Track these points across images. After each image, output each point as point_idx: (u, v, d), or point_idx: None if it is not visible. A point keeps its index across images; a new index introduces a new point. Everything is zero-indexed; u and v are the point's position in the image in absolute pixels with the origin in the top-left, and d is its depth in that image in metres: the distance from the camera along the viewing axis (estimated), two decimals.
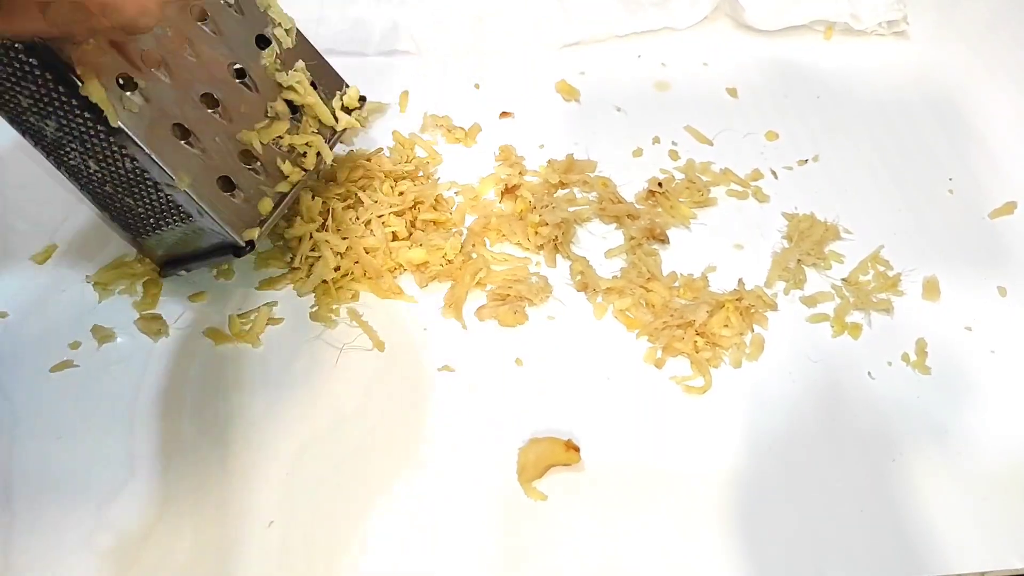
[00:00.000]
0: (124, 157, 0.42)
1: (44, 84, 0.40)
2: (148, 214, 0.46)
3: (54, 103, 0.41)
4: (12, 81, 0.41)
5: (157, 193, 0.44)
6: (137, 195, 0.45)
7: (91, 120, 0.41)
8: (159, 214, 0.46)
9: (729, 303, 0.51)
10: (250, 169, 0.46)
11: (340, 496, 0.45)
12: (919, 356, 0.51)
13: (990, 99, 0.66)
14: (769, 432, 0.48)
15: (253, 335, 0.50)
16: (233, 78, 0.46)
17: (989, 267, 0.56)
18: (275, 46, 0.48)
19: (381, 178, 0.56)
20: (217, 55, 0.45)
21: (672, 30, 0.71)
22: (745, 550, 0.44)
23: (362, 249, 0.53)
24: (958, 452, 0.47)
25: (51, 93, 0.41)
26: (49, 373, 0.48)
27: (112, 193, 0.46)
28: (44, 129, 0.43)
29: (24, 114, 0.43)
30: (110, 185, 0.45)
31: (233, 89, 0.46)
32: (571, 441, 0.46)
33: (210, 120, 0.44)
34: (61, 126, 0.42)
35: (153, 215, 0.46)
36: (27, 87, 0.41)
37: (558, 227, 0.55)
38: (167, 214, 0.45)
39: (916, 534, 0.44)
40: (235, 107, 0.46)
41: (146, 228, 0.48)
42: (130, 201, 0.46)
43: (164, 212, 0.45)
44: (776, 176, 0.61)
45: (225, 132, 0.45)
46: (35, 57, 0.39)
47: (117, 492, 0.44)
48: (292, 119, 0.48)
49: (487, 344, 0.51)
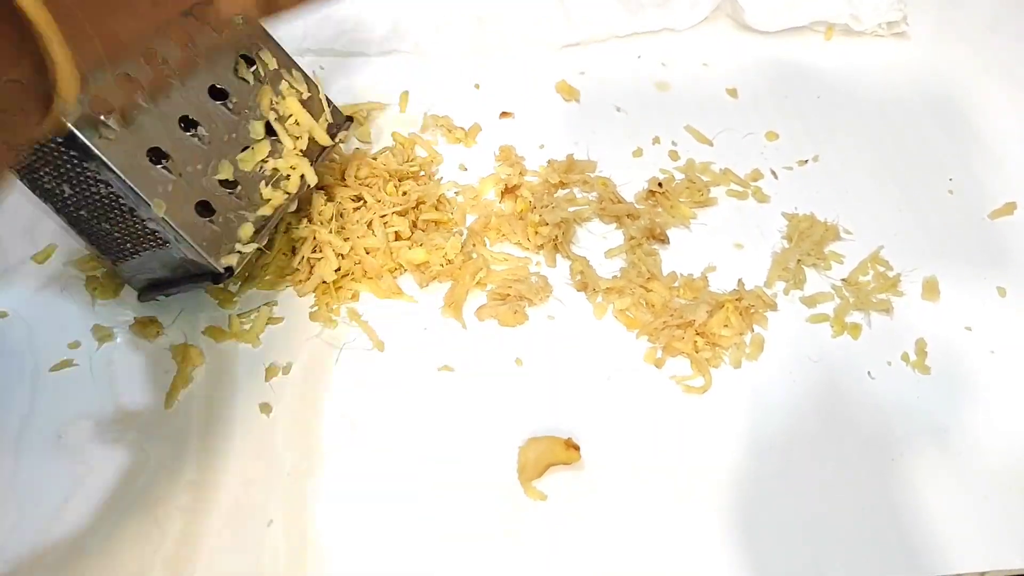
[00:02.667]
0: (98, 183, 0.41)
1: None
2: (124, 239, 0.45)
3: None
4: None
5: (133, 218, 0.43)
6: (112, 220, 0.44)
7: (63, 145, 0.40)
8: (135, 239, 0.45)
9: (729, 303, 0.51)
10: (230, 194, 0.45)
11: (339, 495, 0.45)
12: (919, 356, 0.51)
13: (990, 100, 0.66)
14: (769, 432, 0.48)
15: (253, 335, 0.50)
16: (211, 100, 0.45)
17: (989, 267, 0.56)
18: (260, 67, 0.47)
19: (386, 178, 0.56)
20: (196, 76, 0.44)
21: (672, 31, 0.71)
22: (745, 549, 0.44)
23: (363, 249, 0.53)
24: (958, 451, 0.47)
25: None
26: (48, 373, 0.48)
27: (88, 218, 0.45)
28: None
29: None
30: (85, 210, 0.44)
31: (212, 111, 0.45)
32: (571, 440, 0.46)
33: (188, 144, 0.43)
34: (34, 150, 0.41)
35: (130, 240, 0.45)
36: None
37: (558, 227, 0.55)
38: (143, 239, 0.44)
39: (916, 534, 0.44)
40: (214, 130, 0.44)
41: (123, 253, 0.46)
42: (106, 226, 0.44)
43: (140, 238, 0.44)
44: (776, 176, 0.61)
45: (204, 156, 0.44)
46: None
47: (116, 491, 0.44)
48: (273, 139, 0.47)
49: (487, 344, 0.51)
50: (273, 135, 0.48)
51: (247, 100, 0.46)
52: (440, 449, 0.47)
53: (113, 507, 0.44)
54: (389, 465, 0.46)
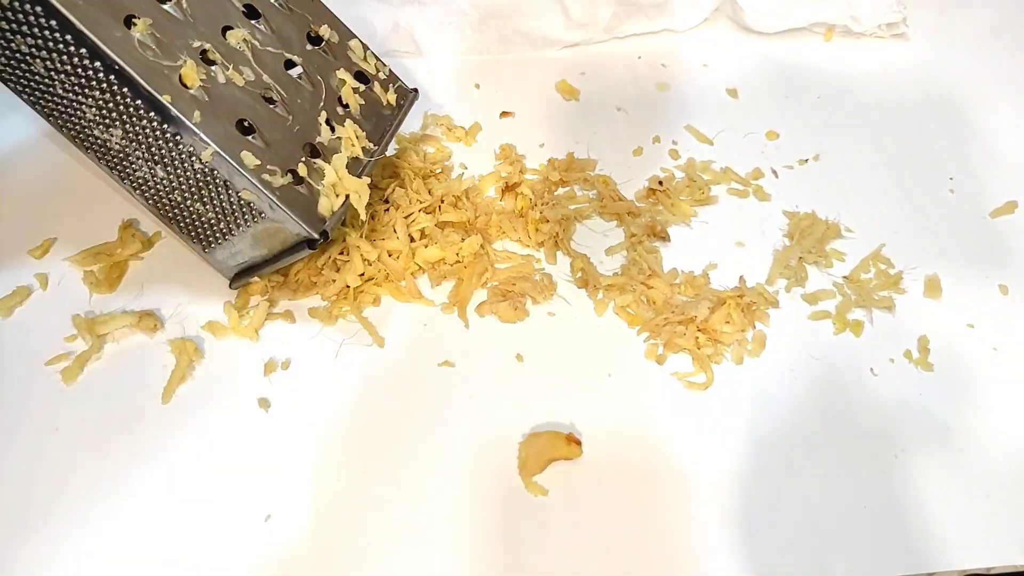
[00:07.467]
0: (192, 157, 0.42)
1: (109, 89, 0.40)
2: (218, 218, 0.46)
3: (119, 109, 0.41)
4: (77, 92, 0.41)
5: (227, 192, 0.44)
6: (206, 199, 0.45)
7: (158, 122, 0.41)
8: (229, 216, 0.45)
9: (731, 299, 0.51)
10: (314, 162, 0.46)
11: (339, 490, 0.44)
12: (921, 353, 0.51)
13: (990, 99, 0.66)
14: (771, 428, 0.48)
15: (252, 330, 0.50)
16: (287, 74, 0.46)
17: (990, 266, 0.56)
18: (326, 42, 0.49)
19: (411, 176, 0.56)
20: (273, 52, 0.46)
21: (673, 32, 0.71)
22: (747, 545, 0.43)
23: (385, 252, 0.52)
24: (960, 449, 0.47)
25: (116, 98, 0.40)
26: (45, 366, 0.48)
27: (180, 201, 0.46)
28: (110, 140, 0.43)
29: (88, 128, 0.43)
30: (178, 192, 0.45)
31: (290, 85, 0.46)
32: (572, 435, 0.45)
33: (271, 115, 0.44)
34: (126, 133, 0.42)
35: (224, 218, 0.46)
36: (92, 96, 0.41)
37: (559, 224, 0.55)
38: (238, 215, 0.45)
39: (919, 530, 0.44)
40: (292, 102, 0.46)
41: (215, 236, 0.47)
42: (199, 207, 0.45)
43: (235, 213, 0.45)
44: (777, 175, 0.61)
45: (287, 127, 0.45)
46: (100, 61, 0.39)
47: (113, 485, 0.44)
48: (346, 110, 0.48)
49: (487, 340, 0.51)
50: (346, 107, 0.49)
51: (318, 73, 0.48)
52: (441, 444, 0.46)
53: (109, 501, 0.43)
54: (389, 460, 0.46)
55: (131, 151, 0.43)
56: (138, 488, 0.44)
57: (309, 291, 0.52)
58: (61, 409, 0.46)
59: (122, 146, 0.43)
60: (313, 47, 0.48)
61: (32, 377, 0.48)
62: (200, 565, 0.42)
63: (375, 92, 0.50)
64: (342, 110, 0.48)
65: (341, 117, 0.48)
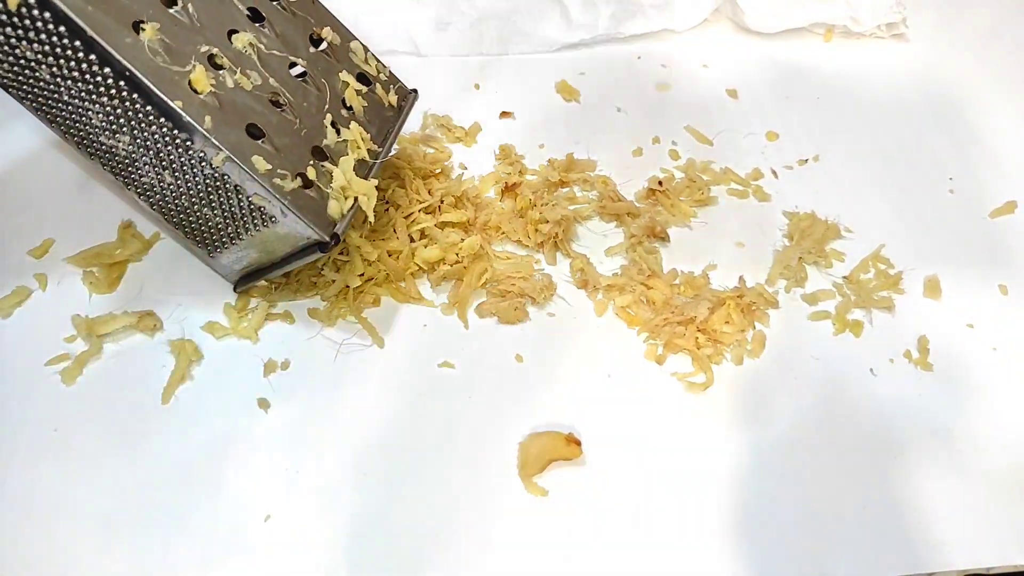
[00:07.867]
0: (203, 163, 0.42)
1: (118, 96, 0.40)
2: (226, 223, 0.45)
3: (128, 115, 0.41)
4: (83, 99, 0.41)
5: (237, 197, 0.43)
6: (215, 204, 0.44)
7: (169, 128, 0.40)
8: (238, 221, 0.45)
9: (730, 300, 0.51)
10: (322, 165, 0.45)
11: (338, 491, 0.44)
12: (921, 353, 0.51)
13: (990, 99, 0.66)
14: (770, 428, 0.48)
15: (251, 330, 0.50)
16: (293, 77, 0.46)
17: (990, 266, 0.56)
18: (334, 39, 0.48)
19: (411, 176, 0.56)
20: (278, 56, 0.45)
21: (672, 32, 0.71)
22: (746, 545, 0.43)
23: (385, 252, 0.52)
24: (960, 449, 0.47)
25: (125, 104, 0.40)
26: (44, 367, 0.48)
27: (187, 206, 0.45)
28: (116, 147, 0.43)
29: (94, 134, 0.43)
30: (185, 197, 0.45)
31: (296, 88, 0.46)
32: (572, 435, 0.45)
33: (280, 119, 0.44)
34: (134, 138, 0.42)
35: (232, 223, 0.45)
36: (99, 103, 0.41)
37: (558, 224, 0.55)
38: (247, 220, 0.44)
39: (918, 530, 0.44)
40: (299, 106, 0.45)
41: (223, 240, 0.47)
42: (207, 211, 0.45)
43: (243, 218, 0.44)
44: (776, 176, 0.61)
45: (294, 131, 0.44)
46: (110, 67, 0.38)
47: (113, 486, 0.44)
48: (350, 112, 0.48)
49: (487, 340, 0.51)
50: (350, 109, 0.48)
51: (322, 76, 0.47)
52: (441, 445, 0.46)
53: (108, 502, 0.43)
54: (389, 461, 0.46)
55: (138, 157, 0.43)
56: (138, 488, 0.44)
57: (309, 291, 0.52)
58: (61, 409, 0.46)
59: (129, 152, 0.43)
60: (316, 50, 0.48)
61: (32, 377, 0.47)
62: (200, 565, 0.42)
63: (377, 94, 0.50)
64: (346, 112, 0.48)
65: (346, 119, 0.47)
